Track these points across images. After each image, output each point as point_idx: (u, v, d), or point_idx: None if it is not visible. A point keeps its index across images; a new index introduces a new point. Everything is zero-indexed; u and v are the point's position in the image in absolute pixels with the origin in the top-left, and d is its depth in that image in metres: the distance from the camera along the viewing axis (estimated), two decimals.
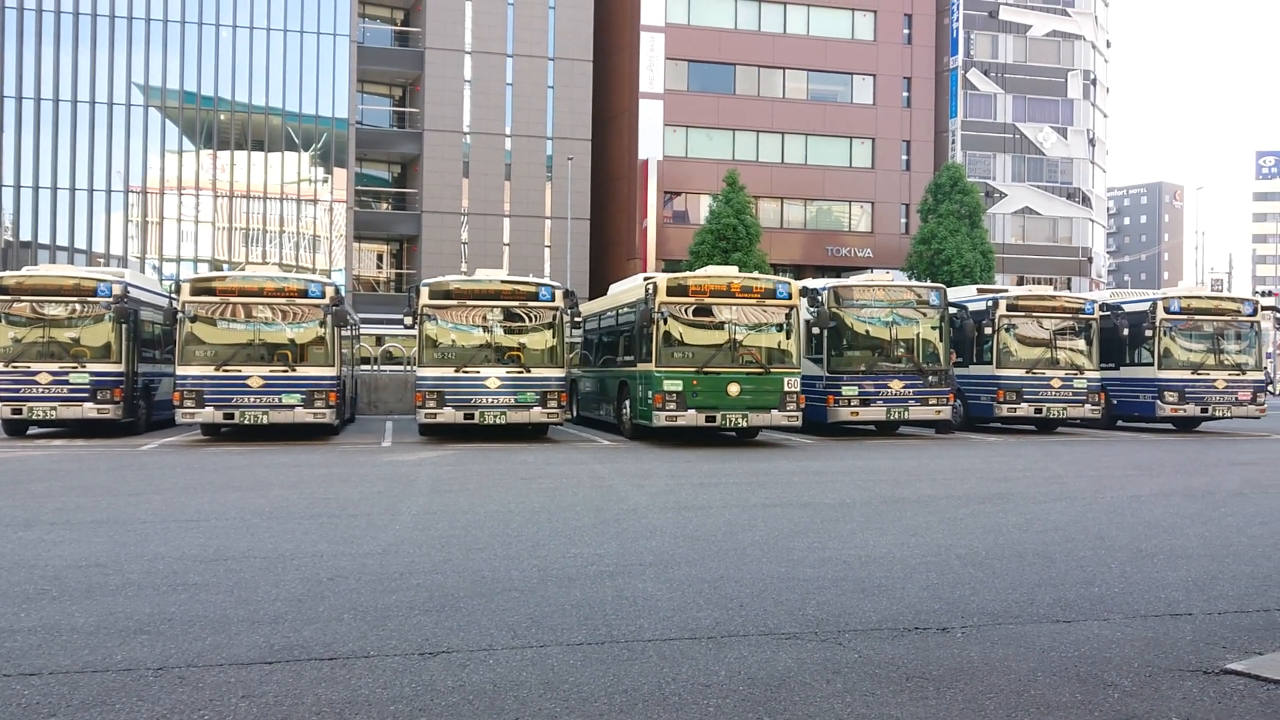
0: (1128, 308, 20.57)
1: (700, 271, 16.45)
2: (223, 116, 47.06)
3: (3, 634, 4.60)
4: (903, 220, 48.45)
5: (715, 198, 39.91)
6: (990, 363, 19.23)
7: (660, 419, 15.06)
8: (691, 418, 15.02)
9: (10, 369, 15.90)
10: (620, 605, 5.32)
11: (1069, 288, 48.24)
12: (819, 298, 16.92)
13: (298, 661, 4.28)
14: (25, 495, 9.61)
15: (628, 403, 17.06)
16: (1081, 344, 19.65)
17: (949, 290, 19.60)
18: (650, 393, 15.31)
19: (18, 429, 16.88)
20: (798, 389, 15.56)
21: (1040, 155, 51.60)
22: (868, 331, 17.98)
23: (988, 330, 19.19)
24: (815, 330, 17.59)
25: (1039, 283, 45.73)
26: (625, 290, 18.60)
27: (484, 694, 3.91)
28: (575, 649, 4.52)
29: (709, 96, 46.55)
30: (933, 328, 18.03)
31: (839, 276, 25.55)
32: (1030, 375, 19.04)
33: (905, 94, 48.83)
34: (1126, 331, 19.94)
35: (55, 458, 13.46)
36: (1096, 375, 19.56)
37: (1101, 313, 19.97)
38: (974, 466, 13.34)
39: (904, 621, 5.10)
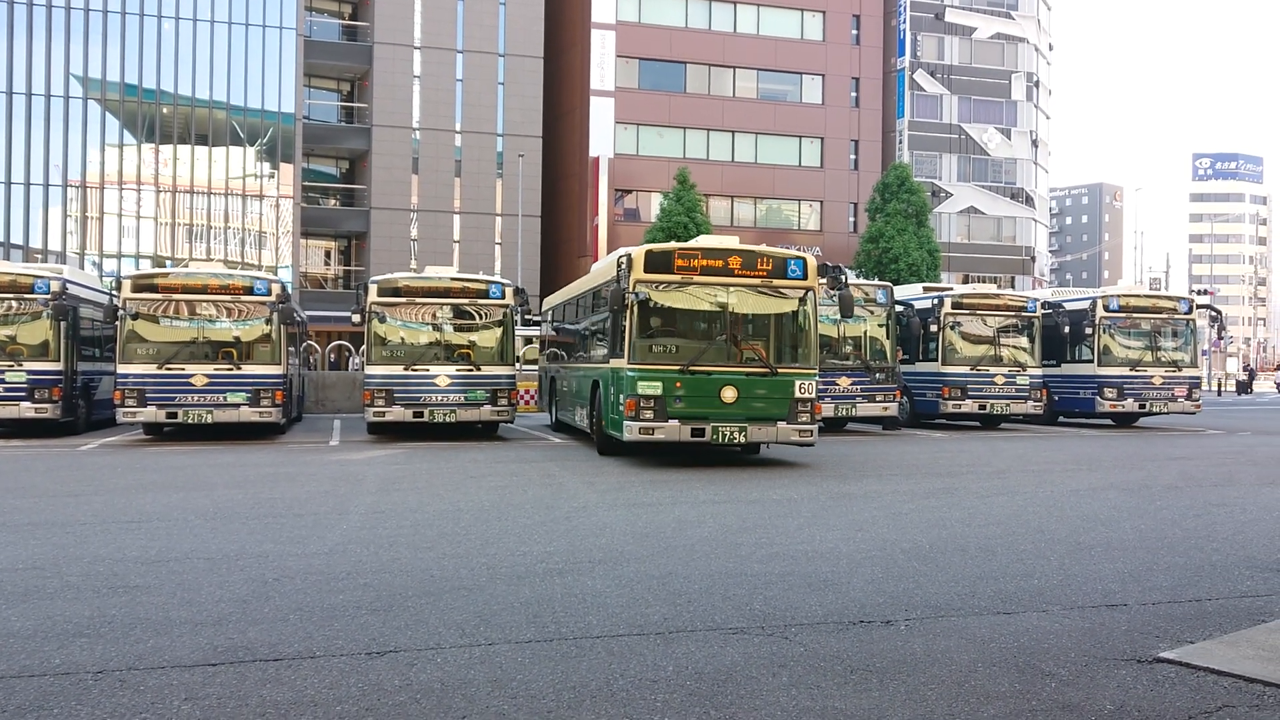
0: (1069, 306, 21.00)
1: (693, 241, 12.84)
2: (165, 110, 46.13)
3: None
4: (851, 219, 48.98)
5: (666, 195, 40.03)
6: (936, 360, 19.51)
7: (632, 431, 11.71)
8: (672, 430, 11.69)
9: None
10: (569, 602, 5.34)
11: (1013, 286, 49.14)
12: (841, 278, 13.12)
13: (242, 663, 4.23)
14: None
15: (600, 408, 13.87)
16: (1024, 341, 20.02)
17: (896, 288, 19.87)
18: (621, 397, 12.11)
19: None
20: (813, 394, 12.12)
21: (985, 156, 52.48)
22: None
23: (933, 328, 19.48)
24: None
25: (984, 281, 46.47)
26: (603, 268, 15.64)
27: (432, 693, 3.91)
28: (524, 647, 4.53)
29: (660, 95, 46.65)
30: (880, 325, 18.26)
31: None
32: (975, 372, 19.35)
33: (854, 94, 49.35)
34: (1067, 329, 20.36)
35: None
36: (1039, 372, 19.94)
37: (1043, 311, 20.37)
38: (919, 462, 13.54)
39: (849, 615, 5.18)
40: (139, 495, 9.60)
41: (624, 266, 12.13)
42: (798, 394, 12.06)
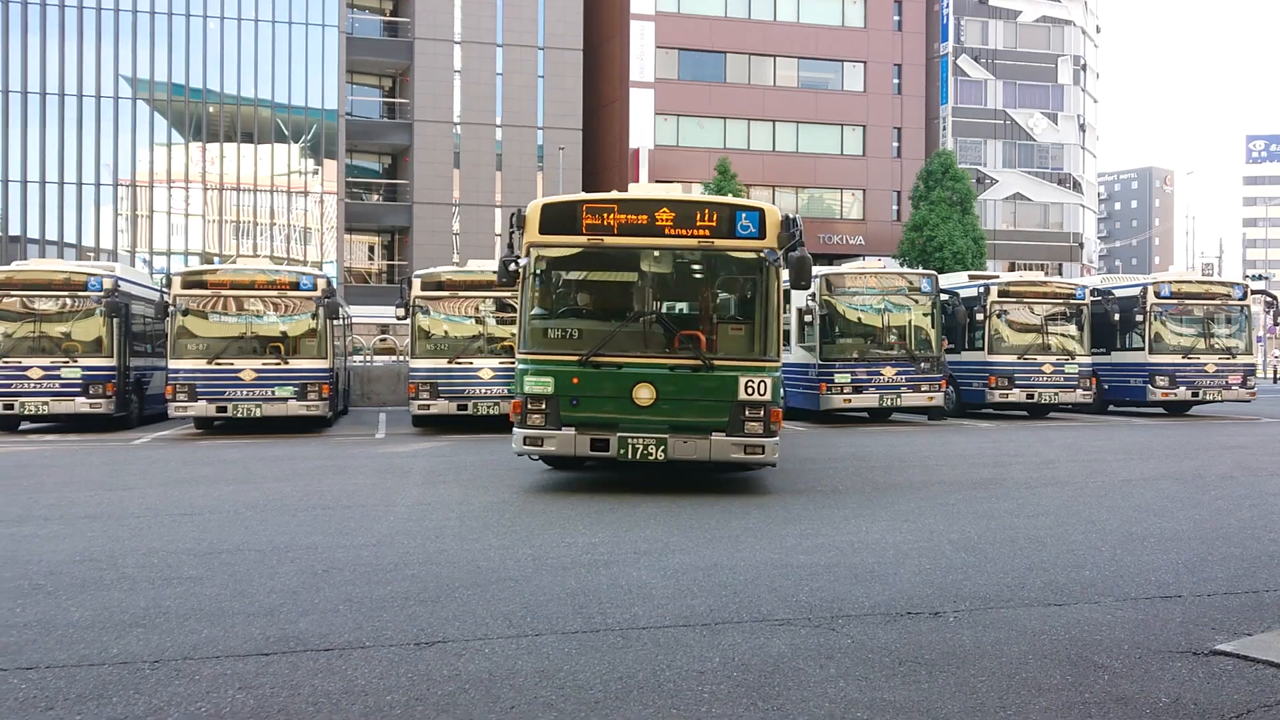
0: (1119, 293, 20.62)
1: (608, 194, 9.85)
2: (211, 109, 46.82)
3: (0, 629, 4.61)
4: (894, 207, 48.48)
5: (707, 186, 39.88)
6: (982, 349, 19.27)
7: (518, 441, 9.19)
8: (565, 441, 8.98)
9: (2, 364, 15.85)
10: (615, 593, 5.35)
11: (1060, 273, 48.35)
12: (794, 231, 9.52)
13: (294, 653, 4.30)
14: (19, 490, 9.60)
15: None
16: (1073, 329, 19.70)
17: (941, 277, 19.65)
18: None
19: (10, 424, 16.84)
20: (770, 396, 9.02)
21: (1031, 141, 51.65)
22: (860, 319, 18.01)
23: (979, 316, 19.23)
24: (807, 319, 17.60)
25: (1030, 269, 45.77)
26: None
27: (480, 683, 3.94)
28: (570, 637, 4.55)
29: (700, 85, 46.46)
30: (925, 314, 18.06)
31: (831, 264, 25.58)
32: (1022, 361, 19.08)
33: (896, 81, 48.80)
34: (1117, 316, 19.99)
35: (48, 453, 13.44)
36: (1088, 360, 19.62)
37: (1092, 298, 20.02)
38: (966, 452, 13.40)
39: (896, 607, 5.14)
40: (191, 488, 9.78)
41: (514, 223, 9.46)
42: (743, 395, 8.91)
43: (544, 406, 9.05)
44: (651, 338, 9.34)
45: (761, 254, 9.06)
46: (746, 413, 8.97)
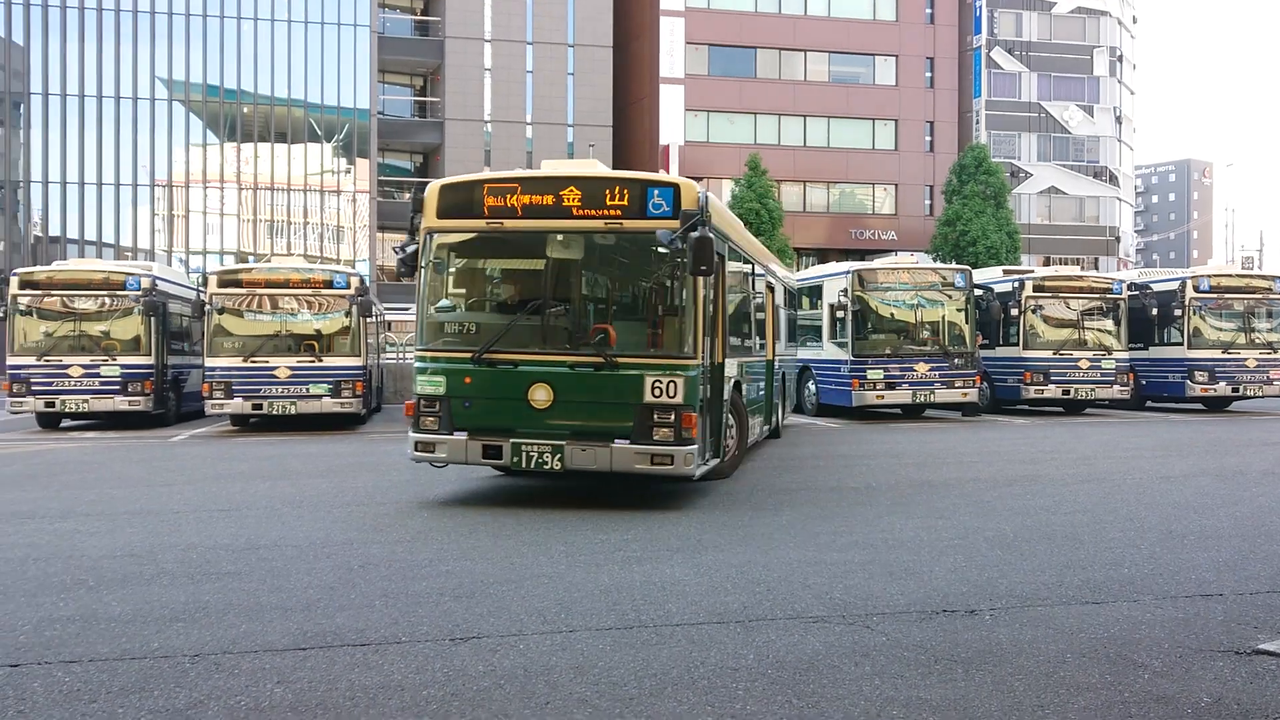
0: (1156, 287, 20.35)
1: (512, 173, 8.84)
2: (246, 109, 47.31)
3: (43, 623, 4.69)
4: (927, 202, 48.10)
5: (737, 182, 39.80)
6: (1017, 344, 19.09)
7: (410, 446, 8.46)
8: (456, 448, 8.22)
9: (43, 362, 16.12)
10: (648, 590, 5.35)
11: (1096, 268, 47.77)
12: (702, 215, 8.07)
13: (331, 647, 4.34)
14: (60, 487, 9.76)
15: None
16: (1109, 324, 19.46)
17: (975, 272, 19.48)
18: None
19: (51, 421, 17.12)
20: (684, 399, 7.84)
21: (1066, 134, 51.04)
22: (892, 314, 17.90)
23: (1014, 312, 19.05)
24: (839, 315, 17.52)
25: (1066, 263, 45.27)
26: None
27: (515, 678, 3.95)
28: (604, 634, 4.56)
29: (730, 80, 46.33)
30: (958, 310, 17.91)
31: (863, 260, 25.41)
32: (1057, 356, 18.88)
33: (928, 74, 48.41)
34: (1155, 311, 19.73)
35: (88, 450, 13.65)
36: (1125, 356, 19.37)
37: (1130, 292, 19.77)
38: (1001, 449, 13.27)
39: (932, 604, 5.10)
40: (228, 484, 9.89)
41: (413, 209, 8.68)
42: (650, 397, 7.83)
43: (436, 409, 8.30)
44: (552, 333, 8.33)
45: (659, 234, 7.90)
46: (654, 417, 7.83)
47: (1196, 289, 19.57)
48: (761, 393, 12.39)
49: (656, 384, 7.85)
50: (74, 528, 7.31)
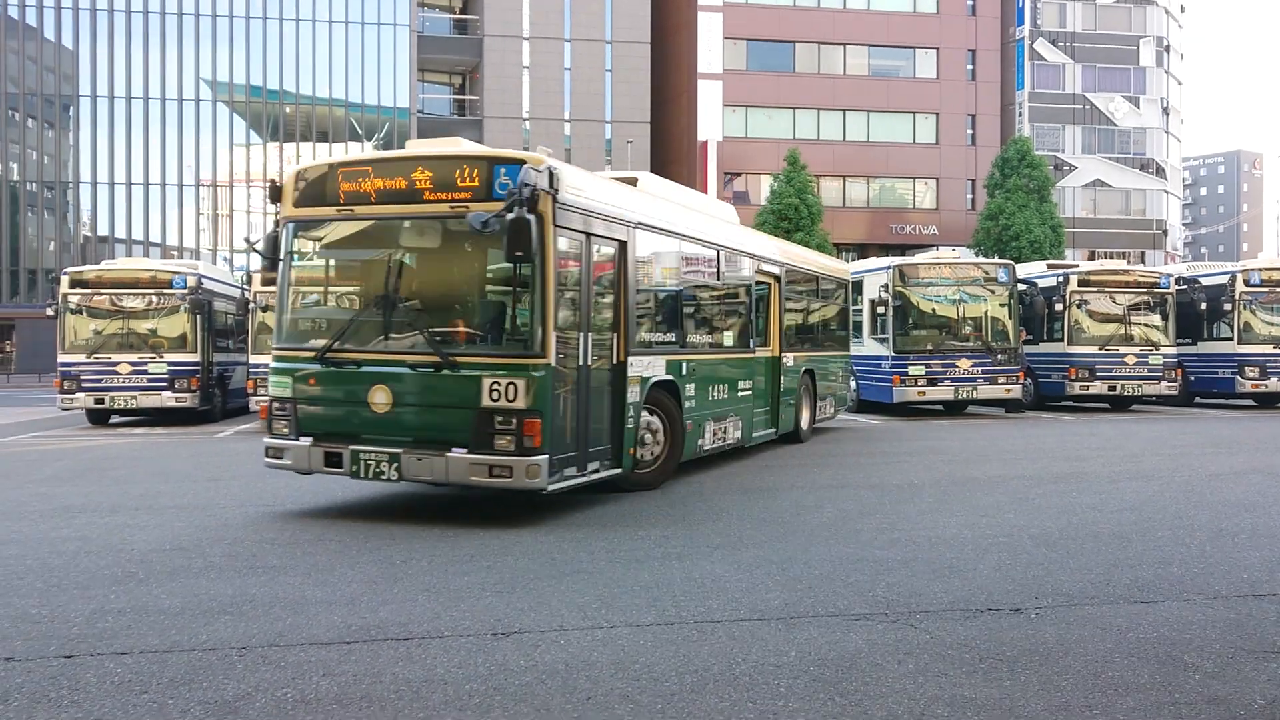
0: (1205, 281, 19.98)
1: (368, 155, 7.62)
2: (288, 109, 47.89)
3: (95, 615, 4.78)
4: (969, 196, 47.57)
5: (776, 177, 39.59)
6: (1061, 340, 18.83)
7: (264, 451, 7.94)
8: (300, 454, 7.63)
9: (93, 360, 16.44)
10: (688, 586, 5.35)
11: (1143, 262, 46.96)
12: (524, 190, 7.10)
13: (375, 641, 4.38)
14: (110, 481, 9.95)
15: None
16: (1157, 319, 19.14)
17: (1018, 266, 19.24)
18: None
19: (100, 418, 17.46)
20: (530, 404, 6.97)
21: (1111, 126, 50.22)
22: (934, 310, 17.73)
23: (1058, 307, 18.80)
24: (880, 310, 17.38)
25: (1111, 257, 44.59)
26: None
27: (557, 674, 3.97)
28: (645, 630, 4.56)
29: (768, 75, 46.11)
30: (1001, 305, 17.71)
31: (903, 255, 25.19)
32: (1103, 352, 18.61)
33: (970, 67, 47.85)
34: (1204, 305, 19.38)
35: (136, 445, 13.90)
36: (1173, 351, 19.04)
37: (1177, 286, 19.44)
38: (1046, 446, 13.10)
39: (976, 602, 5.05)
40: (273, 479, 10.01)
41: (271, 198, 8.15)
42: (488, 401, 7.01)
43: (285, 412, 7.70)
44: (396, 329, 7.60)
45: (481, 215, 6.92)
46: (495, 424, 6.97)
47: (1247, 283, 19.18)
48: (747, 393, 11.16)
49: (495, 387, 7.01)
50: (124, 521, 7.45)
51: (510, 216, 6.77)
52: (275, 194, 8.01)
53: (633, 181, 9.39)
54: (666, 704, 3.65)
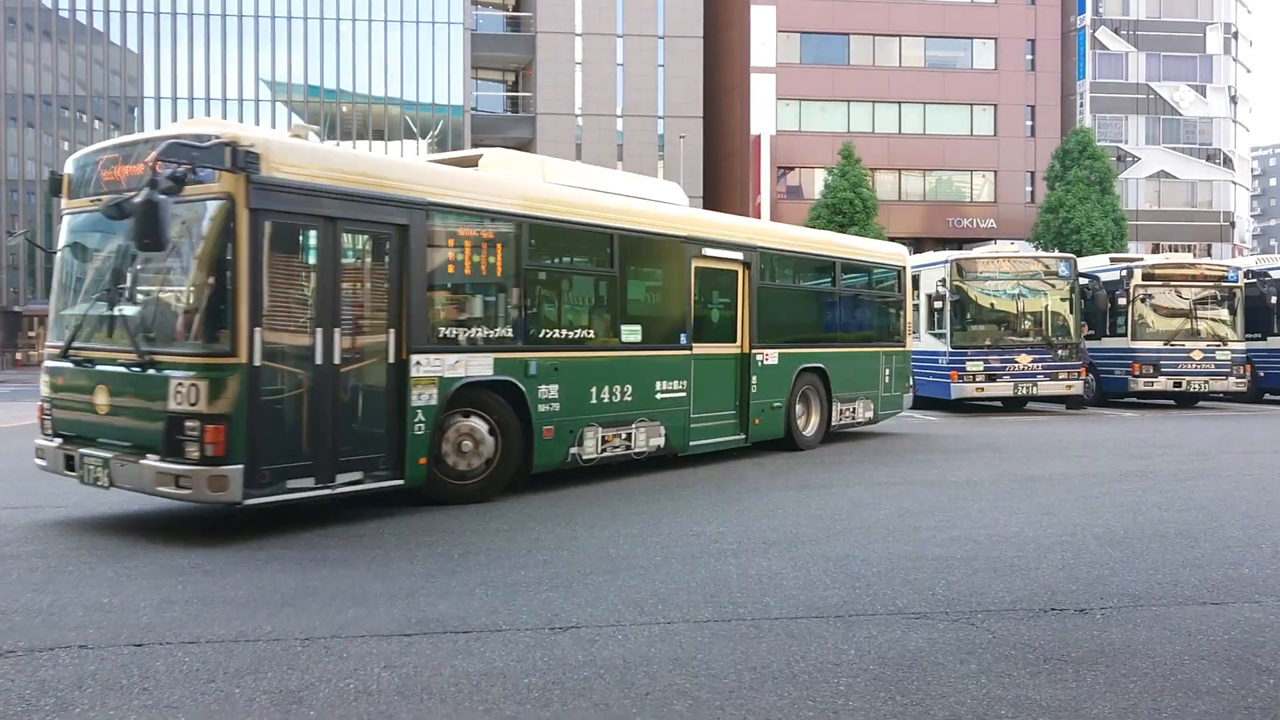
0: (1275, 274, 19.43)
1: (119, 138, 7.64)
2: (344, 108, 48.55)
3: (164, 604, 4.89)
4: (1028, 189, 46.71)
5: (830, 171, 39.25)
6: (1125, 335, 18.44)
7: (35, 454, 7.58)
8: (53, 455, 7.23)
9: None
10: (745, 583, 5.32)
11: (1209, 254, 45.73)
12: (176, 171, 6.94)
13: (434, 634, 4.42)
14: None
15: None
16: (1224, 314, 18.65)
17: (1079, 260, 18.87)
18: None
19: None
20: (205, 405, 6.28)
21: (1176, 115, 48.95)
22: (993, 305, 17.46)
23: (1122, 301, 18.41)
24: (937, 305, 17.15)
25: (1176, 250, 43.49)
26: None
27: (614, 669, 3.97)
28: (702, 626, 4.55)
29: (822, 68, 45.68)
30: (1062, 299, 17.39)
31: (960, 249, 24.84)
32: (1168, 347, 18.18)
33: (1029, 57, 46.94)
34: (1275, 299, 18.84)
35: None
36: (1241, 346, 18.54)
37: (1246, 280, 18.91)
38: (1108, 443, 12.83)
39: (1039, 602, 4.96)
40: None
41: (54, 189, 7.74)
42: (174, 404, 6.35)
43: (46, 411, 7.39)
44: (116, 326, 6.96)
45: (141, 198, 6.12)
46: (184, 429, 6.27)
47: None
48: (675, 395, 9.91)
49: (180, 388, 6.34)
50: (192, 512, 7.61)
51: (139, 201, 6.06)
52: (55, 187, 7.55)
53: (473, 161, 8.70)
54: (725, 700, 3.64)
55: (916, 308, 18.24)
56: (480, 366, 7.97)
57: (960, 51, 46.96)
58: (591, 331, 9.28)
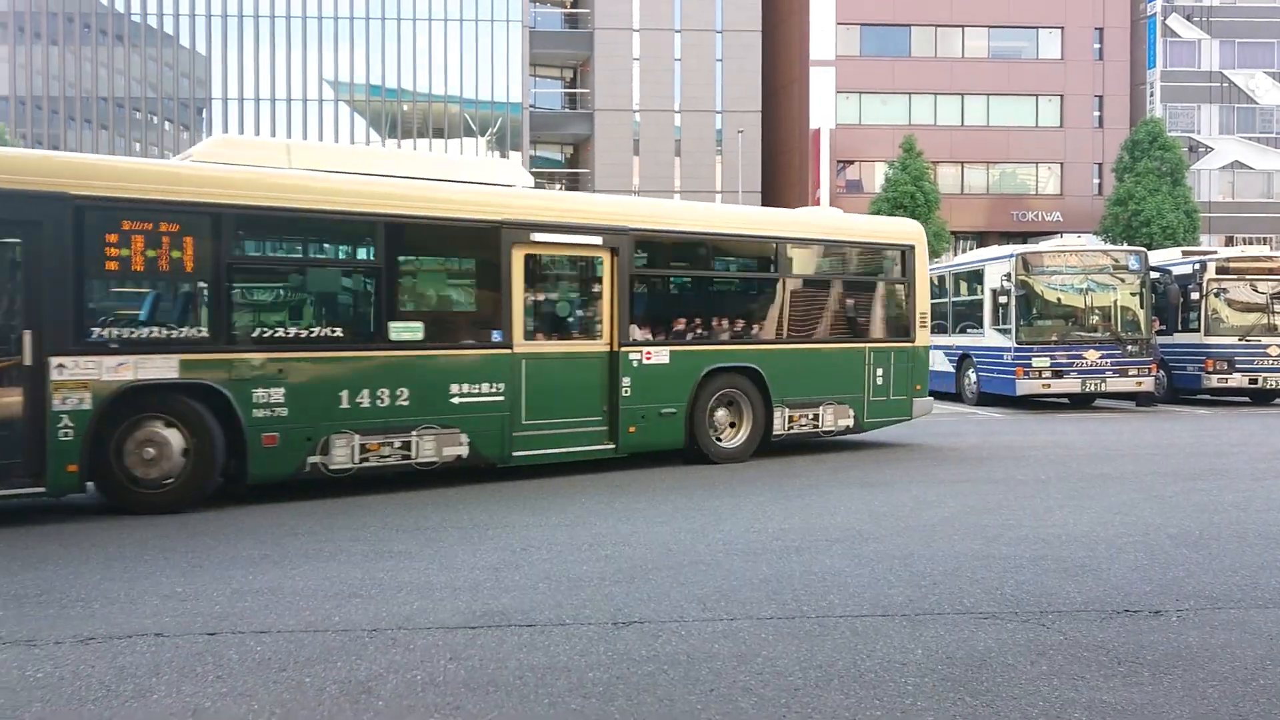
0: None
1: None
2: (405, 107, 49.17)
3: (235, 594, 4.99)
4: (1095, 181, 45.65)
5: (891, 165, 38.74)
6: (1197, 330, 17.93)
7: None
8: None
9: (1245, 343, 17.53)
10: (808, 581, 5.28)
11: None
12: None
13: (499, 627, 4.45)
14: None
15: None
16: None
17: (1150, 253, 18.39)
18: None
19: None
20: None
21: (1252, 104, 47.42)
22: (1060, 299, 17.08)
23: (1194, 295, 17.89)
24: (1002, 300, 16.85)
25: (1251, 243, 42.17)
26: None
27: (678, 664, 3.96)
28: (765, 623, 4.52)
29: (883, 60, 45.11)
30: (1133, 294, 16.95)
31: (1025, 242, 24.37)
32: (1244, 343, 17.63)
33: (1097, 46, 45.86)
34: None
35: None
36: None
37: None
38: (1182, 441, 12.49)
39: (1111, 603, 4.84)
40: None
41: None
42: None
43: None
44: None
45: None
46: None
47: None
48: (474, 399, 8.69)
49: None
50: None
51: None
52: None
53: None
54: (791, 698, 3.61)
55: (975, 303, 17.95)
56: (157, 369, 7.33)
57: (1025, 42, 46.04)
58: (340, 330, 8.33)
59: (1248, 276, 18.06)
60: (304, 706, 3.54)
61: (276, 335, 7.94)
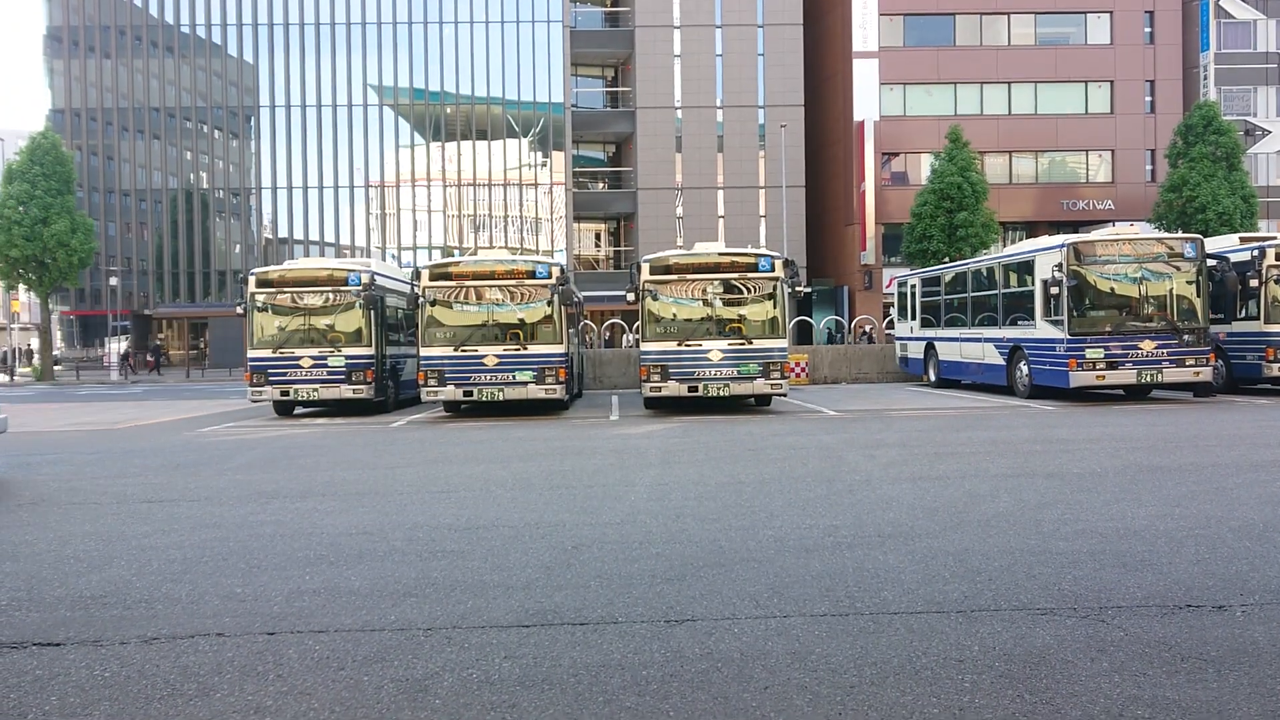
0: None
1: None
2: (448, 110, 49.55)
3: (293, 595, 5.07)
4: (1148, 167, 44.77)
5: (937, 156, 38.30)
6: (1257, 318, 17.50)
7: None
8: None
9: (278, 355, 17.48)
10: (861, 577, 5.24)
11: None
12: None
13: (552, 625, 4.48)
14: (297, 469, 10.54)
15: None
16: None
17: (1206, 241, 17.99)
18: None
19: (285, 409, 18.54)
20: None
21: None
22: (1113, 289, 16.77)
23: (1253, 283, 17.45)
24: (1054, 290, 16.58)
25: None
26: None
27: (732, 662, 3.95)
28: (819, 620, 4.49)
29: (927, 50, 44.62)
30: (1189, 282, 16.59)
31: (1076, 231, 23.93)
32: None
33: (1147, 29, 44.95)
34: None
35: (319, 435, 14.69)
36: None
37: None
38: (1242, 432, 12.21)
39: (1173, 599, 4.75)
40: (445, 467, 10.40)
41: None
42: None
43: None
44: None
45: None
46: None
47: None
48: None
49: None
50: (312, 507, 7.88)
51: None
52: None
53: None
54: (846, 696, 3.59)
55: (1025, 294, 17.67)
56: None
57: (1073, 27, 45.27)
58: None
59: None
60: (362, 705, 3.59)
61: None
